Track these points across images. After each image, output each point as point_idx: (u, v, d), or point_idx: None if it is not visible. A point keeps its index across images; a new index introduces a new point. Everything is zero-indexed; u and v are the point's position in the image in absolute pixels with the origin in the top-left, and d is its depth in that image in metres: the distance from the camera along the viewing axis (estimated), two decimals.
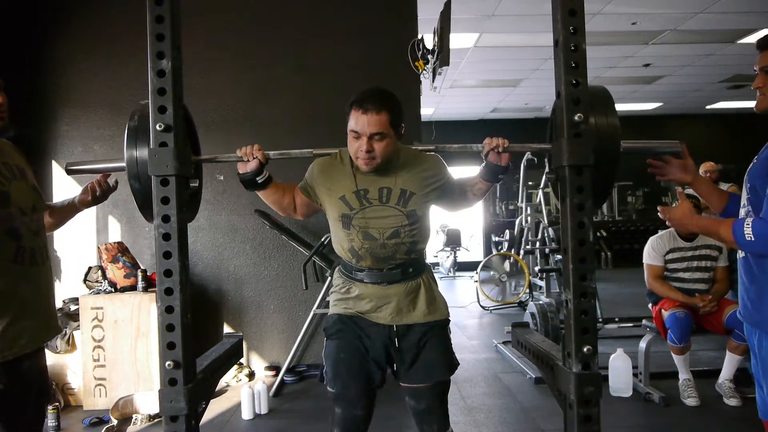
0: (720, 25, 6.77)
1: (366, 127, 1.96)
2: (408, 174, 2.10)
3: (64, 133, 4.83)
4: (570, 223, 1.51)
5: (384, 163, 2.03)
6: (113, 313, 4.05)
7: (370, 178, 2.07)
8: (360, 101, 1.98)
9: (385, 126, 1.97)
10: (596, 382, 1.49)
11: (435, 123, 11.86)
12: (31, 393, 1.94)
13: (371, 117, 1.95)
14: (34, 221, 1.98)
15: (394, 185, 2.08)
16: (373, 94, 2.00)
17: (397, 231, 2.07)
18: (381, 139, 1.98)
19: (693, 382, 3.76)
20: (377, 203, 2.07)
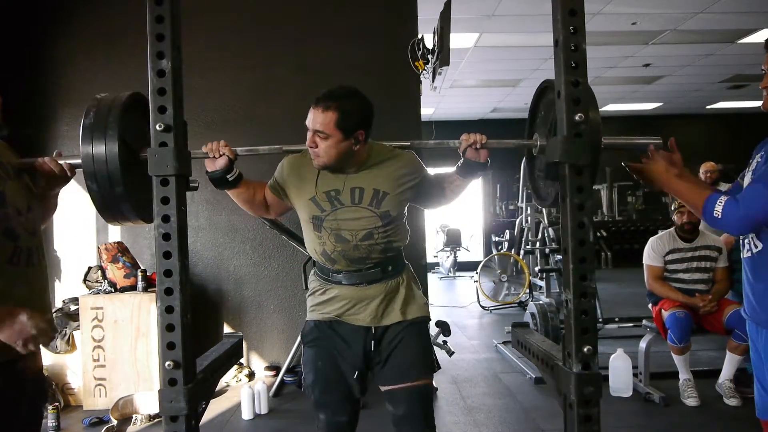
0: (720, 25, 6.77)
1: (311, 121, 1.95)
2: (381, 173, 2.03)
3: (64, 133, 4.83)
4: (570, 223, 1.51)
5: (334, 163, 1.96)
6: (113, 313, 4.05)
7: (340, 178, 2.01)
8: (318, 96, 1.97)
9: (329, 126, 1.92)
10: (596, 382, 1.49)
11: (435, 123, 11.85)
12: (26, 394, 1.88)
13: (317, 113, 1.94)
14: (30, 221, 1.92)
15: (366, 185, 2.01)
16: (330, 92, 1.97)
17: (371, 233, 2.01)
18: (324, 138, 1.93)
19: (693, 382, 3.76)
20: (349, 204, 2.01)
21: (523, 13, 6.13)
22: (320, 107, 1.94)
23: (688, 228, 3.96)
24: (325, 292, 2.12)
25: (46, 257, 1.99)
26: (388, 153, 2.11)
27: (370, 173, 2.03)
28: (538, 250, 7.76)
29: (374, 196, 2.01)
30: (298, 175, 2.09)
